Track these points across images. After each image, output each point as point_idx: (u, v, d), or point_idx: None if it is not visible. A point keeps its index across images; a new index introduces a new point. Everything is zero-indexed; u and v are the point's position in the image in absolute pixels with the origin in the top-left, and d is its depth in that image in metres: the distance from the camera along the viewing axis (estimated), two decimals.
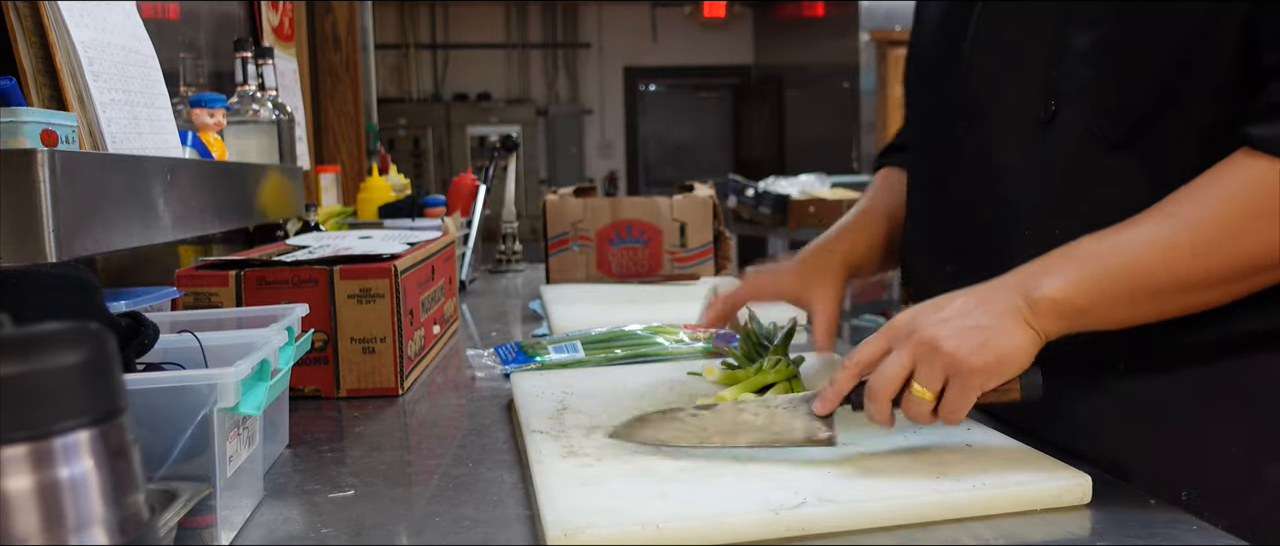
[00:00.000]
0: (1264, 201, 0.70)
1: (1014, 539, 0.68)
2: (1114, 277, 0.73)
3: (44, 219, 0.87)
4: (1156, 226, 0.73)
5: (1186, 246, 0.72)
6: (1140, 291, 0.73)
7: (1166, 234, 0.73)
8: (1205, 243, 0.72)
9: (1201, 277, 0.73)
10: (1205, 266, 0.72)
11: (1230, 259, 0.72)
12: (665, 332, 1.30)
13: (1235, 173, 0.72)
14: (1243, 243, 0.71)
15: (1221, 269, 0.72)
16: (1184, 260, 0.72)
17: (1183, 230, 0.72)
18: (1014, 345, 0.72)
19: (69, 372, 0.40)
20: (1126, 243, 0.73)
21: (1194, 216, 0.72)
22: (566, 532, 0.65)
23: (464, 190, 2.40)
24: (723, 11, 8.83)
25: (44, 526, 0.39)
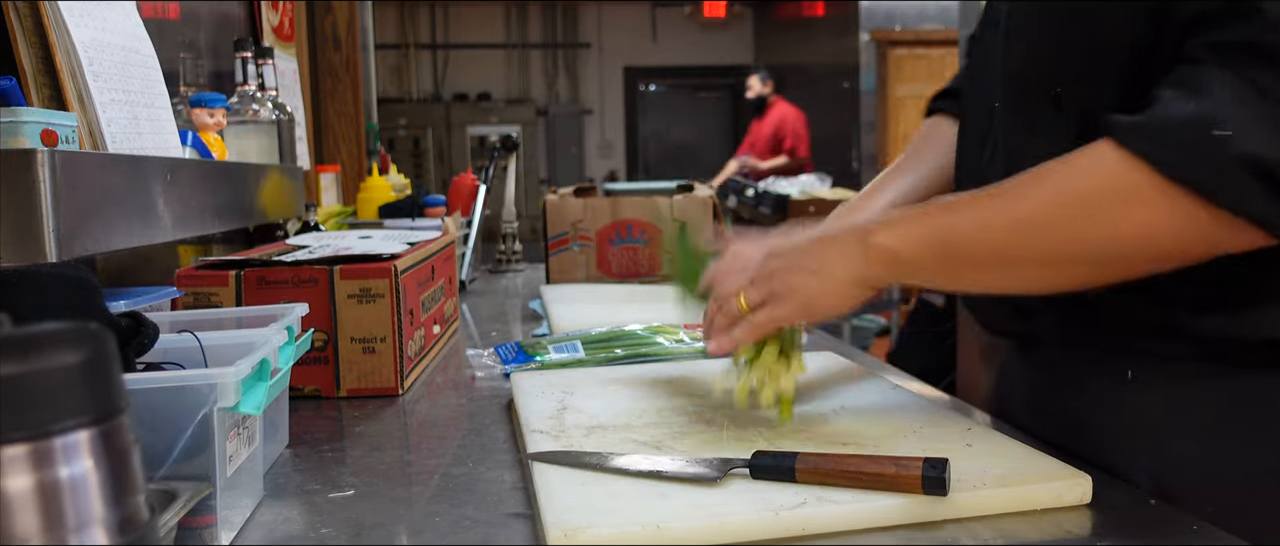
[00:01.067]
0: (1099, 189, 0.70)
1: (1014, 539, 0.68)
2: (938, 239, 0.77)
3: (44, 219, 0.87)
4: (990, 200, 0.75)
5: (1007, 222, 0.74)
6: (959, 257, 0.76)
7: (993, 209, 0.75)
8: (1027, 222, 0.73)
9: (1023, 255, 0.74)
10: (1025, 245, 0.74)
11: (1055, 243, 0.72)
12: (665, 332, 1.30)
13: (1081, 157, 0.72)
14: (1067, 229, 0.72)
15: (1044, 251, 0.73)
16: (1003, 235, 0.74)
17: (1010, 206, 0.74)
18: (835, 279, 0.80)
19: (69, 372, 0.40)
20: (959, 208, 0.77)
21: (1025, 195, 0.73)
22: (566, 532, 0.65)
23: (464, 190, 2.40)
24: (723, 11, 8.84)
25: (44, 526, 0.39)
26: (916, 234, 0.78)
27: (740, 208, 5.23)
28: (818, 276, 0.81)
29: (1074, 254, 0.73)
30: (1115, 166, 0.69)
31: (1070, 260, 0.73)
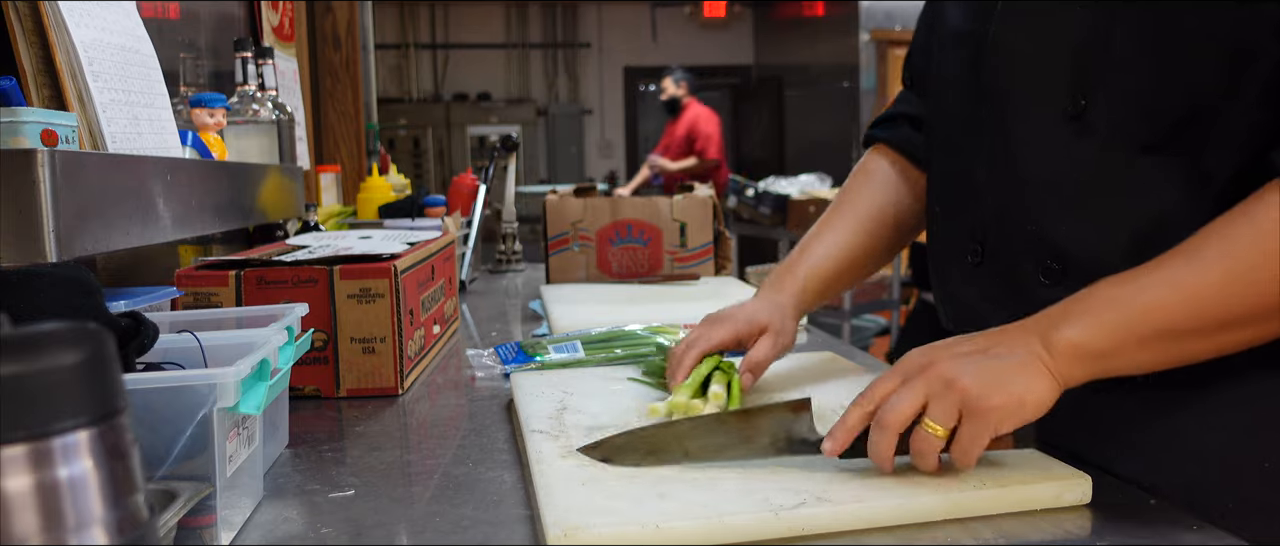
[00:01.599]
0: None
1: (1014, 539, 0.68)
2: (1135, 321, 0.70)
3: (44, 219, 0.87)
4: (1178, 267, 0.70)
5: (1212, 287, 0.69)
6: (1163, 334, 0.70)
7: (1189, 275, 0.70)
8: (1230, 283, 0.69)
9: (1227, 318, 0.70)
10: (1229, 308, 0.69)
11: (1258, 299, 0.69)
12: (665, 332, 1.30)
13: (1262, 207, 0.69)
14: (1271, 283, 0.68)
15: (1248, 309, 0.69)
16: (1209, 302, 0.69)
17: (1207, 271, 0.69)
18: (1032, 387, 0.70)
19: (68, 373, 0.40)
20: (1149, 285, 0.71)
21: (1218, 256, 0.69)
22: (566, 532, 0.65)
23: (464, 190, 2.40)
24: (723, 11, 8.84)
25: (43, 526, 0.39)
26: (1107, 321, 0.71)
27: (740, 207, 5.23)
28: (1009, 392, 0.70)
29: (1272, 308, 0.68)
30: None
31: (1269, 315, 0.69)
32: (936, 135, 1.01)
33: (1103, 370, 0.72)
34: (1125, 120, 0.79)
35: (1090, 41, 0.81)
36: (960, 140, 0.95)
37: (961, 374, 0.70)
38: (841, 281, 1.08)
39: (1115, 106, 0.80)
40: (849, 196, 1.12)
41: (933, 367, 0.72)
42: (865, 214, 1.09)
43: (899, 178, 1.11)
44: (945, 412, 0.70)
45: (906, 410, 0.71)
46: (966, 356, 0.72)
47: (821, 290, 1.06)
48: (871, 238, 1.08)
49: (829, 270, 1.06)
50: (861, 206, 1.10)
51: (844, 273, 1.08)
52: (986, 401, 0.69)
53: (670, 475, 0.75)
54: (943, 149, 1.00)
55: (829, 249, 1.07)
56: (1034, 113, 0.86)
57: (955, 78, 0.97)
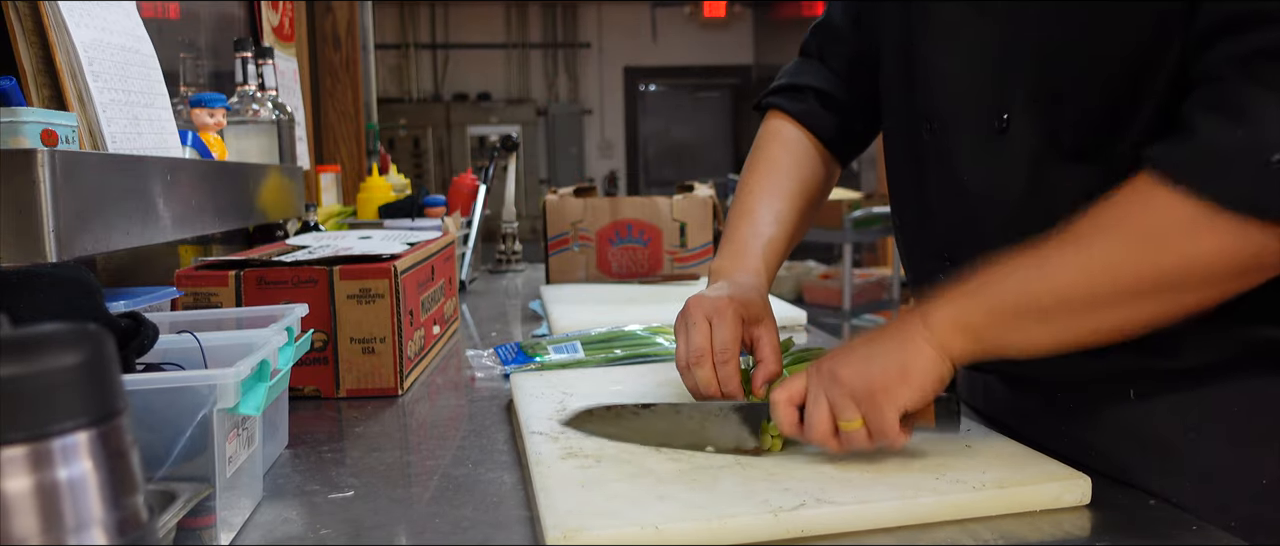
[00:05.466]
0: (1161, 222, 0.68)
1: (1014, 539, 0.68)
2: (1005, 299, 0.73)
3: (44, 219, 0.87)
4: (1048, 251, 0.72)
5: (1072, 271, 0.71)
6: (1031, 312, 0.73)
7: (1056, 258, 0.72)
8: (1088, 267, 0.70)
9: (1091, 300, 0.71)
10: (1093, 290, 0.71)
11: (1115, 283, 0.70)
12: (665, 332, 1.30)
13: (1128, 197, 0.69)
14: (1140, 264, 0.69)
15: (1109, 292, 0.70)
16: (1069, 284, 0.71)
17: (1069, 255, 0.71)
18: (912, 361, 0.74)
19: (67, 374, 0.40)
20: (1020, 267, 0.73)
21: (1078, 243, 0.71)
22: (566, 533, 0.65)
23: (464, 190, 2.40)
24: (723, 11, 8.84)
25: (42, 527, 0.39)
26: (979, 299, 0.75)
27: None
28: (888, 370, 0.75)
29: (1152, 286, 0.69)
30: (1169, 201, 0.66)
31: (1149, 293, 0.70)
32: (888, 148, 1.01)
33: (985, 345, 0.75)
34: (1046, 131, 0.79)
35: (1004, 56, 0.81)
36: (908, 159, 0.95)
37: (842, 368, 0.76)
38: (784, 256, 1.04)
39: (1035, 119, 0.79)
40: (776, 164, 1.07)
41: (823, 372, 0.77)
42: (798, 188, 1.05)
43: (814, 151, 1.07)
44: (844, 407, 0.76)
45: (822, 418, 0.77)
46: (851, 352, 0.78)
47: (777, 265, 1.03)
48: (802, 214, 1.05)
49: (779, 246, 1.02)
50: (794, 177, 1.05)
51: (787, 247, 1.04)
52: (869, 384, 0.75)
53: (670, 476, 0.75)
54: (893, 164, 0.99)
55: (776, 218, 1.03)
56: (967, 132, 0.85)
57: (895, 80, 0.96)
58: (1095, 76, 0.76)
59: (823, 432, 0.77)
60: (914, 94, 0.91)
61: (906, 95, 0.92)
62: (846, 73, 1.07)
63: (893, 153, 0.99)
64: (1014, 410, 0.96)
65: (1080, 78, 0.77)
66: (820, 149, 1.08)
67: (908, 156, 0.95)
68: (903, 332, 0.76)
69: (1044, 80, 0.78)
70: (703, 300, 0.92)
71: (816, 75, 1.09)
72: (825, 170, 1.08)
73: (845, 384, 0.75)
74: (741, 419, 0.82)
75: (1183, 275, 0.68)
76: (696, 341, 0.88)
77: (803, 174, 1.06)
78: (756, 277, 0.97)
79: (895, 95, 0.96)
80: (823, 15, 1.11)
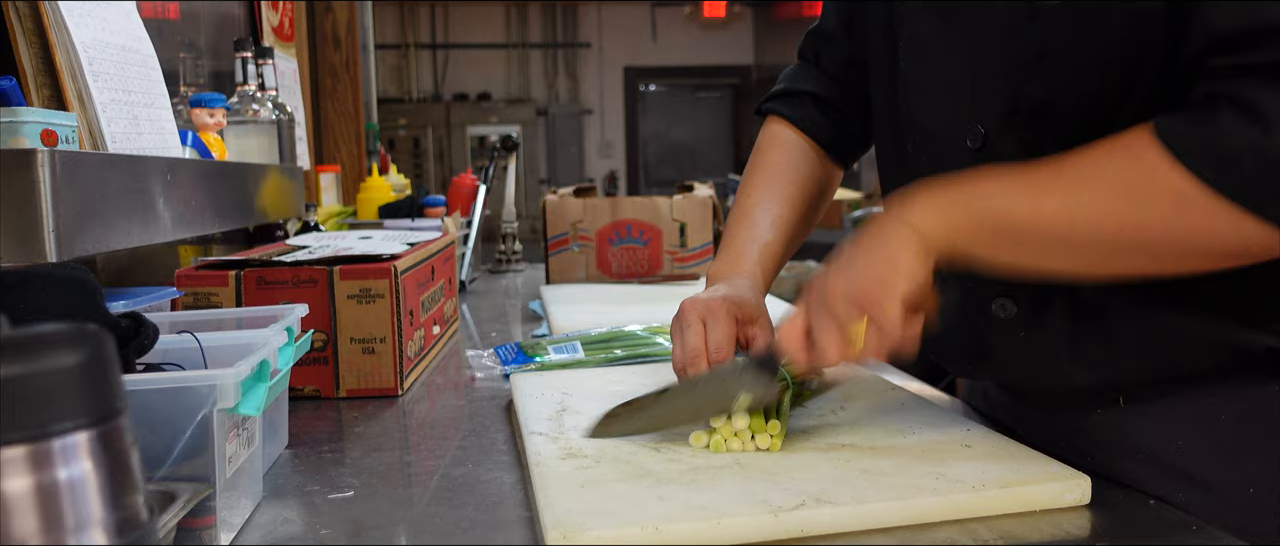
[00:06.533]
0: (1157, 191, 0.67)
1: (1013, 539, 0.68)
2: (985, 212, 0.74)
3: (44, 219, 0.87)
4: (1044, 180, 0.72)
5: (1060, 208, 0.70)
6: (1008, 232, 0.73)
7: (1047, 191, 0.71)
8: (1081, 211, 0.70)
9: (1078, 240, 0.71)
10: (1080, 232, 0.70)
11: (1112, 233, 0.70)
12: (665, 332, 1.30)
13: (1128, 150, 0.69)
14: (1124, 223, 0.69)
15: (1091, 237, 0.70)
16: (1057, 219, 0.71)
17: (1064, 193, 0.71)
18: (896, 251, 0.74)
19: (67, 374, 0.40)
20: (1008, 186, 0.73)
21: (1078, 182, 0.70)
22: (565, 534, 0.65)
23: (464, 190, 2.40)
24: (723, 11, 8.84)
25: (42, 527, 0.39)
26: (960, 197, 0.75)
27: None
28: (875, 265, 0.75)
29: (1131, 245, 0.70)
30: (1170, 171, 0.66)
31: (1127, 250, 0.71)
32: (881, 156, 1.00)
33: (958, 248, 0.75)
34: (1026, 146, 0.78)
35: (977, 70, 0.81)
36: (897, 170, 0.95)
37: (833, 280, 0.76)
38: (783, 260, 1.04)
39: (1014, 134, 0.79)
40: (776, 169, 1.07)
41: (816, 289, 0.78)
42: (796, 192, 1.05)
43: (813, 155, 1.08)
44: (845, 312, 0.75)
45: (828, 336, 0.76)
46: (838, 264, 0.78)
47: (774, 269, 1.03)
48: (802, 218, 1.06)
49: (777, 250, 1.03)
50: (793, 182, 1.06)
51: (786, 251, 1.04)
52: (863, 283, 0.74)
53: (670, 476, 0.75)
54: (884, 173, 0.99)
55: (775, 222, 1.03)
56: (947, 146, 0.85)
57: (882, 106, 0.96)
58: (1072, 89, 0.75)
59: (836, 351, 0.76)
60: (897, 105, 0.91)
61: (891, 106, 0.92)
62: (842, 77, 1.07)
63: (883, 161, 1.00)
64: (1012, 413, 0.96)
65: (1056, 90, 0.76)
66: (819, 153, 1.08)
67: (896, 167, 0.95)
68: (884, 229, 0.76)
69: (1020, 94, 0.78)
70: (696, 302, 0.92)
71: (813, 80, 1.09)
72: (825, 174, 1.08)
73: (840, 292, 0.75)
74: (756, 370, 0.82)
75: (1163, 242, 0.69)
76: (691, 342, 0.88)
77: (801, 178, 1.06)
78: (752, 280, 0.97)
79: (882, 104, 0.96)
80: (819, 19, 1.11)
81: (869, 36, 0.97)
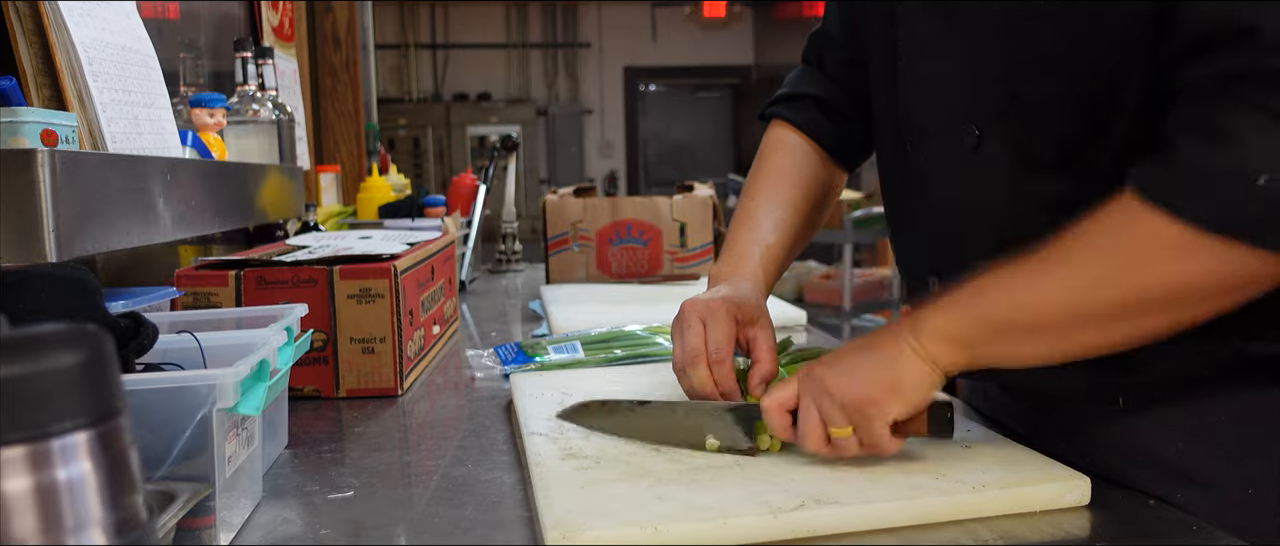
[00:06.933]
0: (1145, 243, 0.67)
1: (1013, 539, 0.68)
2: (993, 313, 0.74)
3: (44, 219, 0.87)
4: (1035, 268, 0.72)
5: (1057, 288, 0.71)
6: (1020, 328, 0.73)
7: (1042, 275, 0.71)
8: (1072, 285, 0.70)
9: (1078, 316, 0.71)
10: (1077, 307, 0.71)
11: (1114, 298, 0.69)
12: (665, 332, 1.30)
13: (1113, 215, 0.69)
14: (1123, 284, 0.68)
15: (1095, 310, 0.70)
16: (1055, 302, 0.71)
17: (1054, 273, 0.71)
18: (904, 373, 0.75)
19: (67, 374, 0.40)
20: (1008, 282, 0.73)
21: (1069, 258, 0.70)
22: (565, 534, 0.65)
23: (464, 190, 2.40)
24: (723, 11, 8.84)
25: (41, 527, 0.39)
26: (968, 312, 0.75)
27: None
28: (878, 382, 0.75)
29: (1138, 306, 0.69)
30: (1154, 222, 0.65)
31: (1136, 312, 0.70)
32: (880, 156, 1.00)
33: (974, 356, 0.75)
34: (1022, 145, 0.78)
35: (974, 70, 0.81)
36: (895, 170, 0.95)
37: (831, 378, 0.76)
38: (785, 262, 1.04)
39: (1009, 133, 0.79)
40: (779, 172, 1.07)
41: (813, 379, 0.77)
42: (799, 195, 1.05)
43: (817, 158, 1.07)
44: (834, 415, 0.76)
45: (814, 426, 0.77)
46: (841, 361, 0.78)
47: (777, 271, 1.03)
48: (806, 220, 1.05)
49: (779, 252, 1.02)
50: (796, 185, 1.05)
51: (789, 254, 1.04)
52: (858, 396, 0.75)
53: (669, 476, 0.75)
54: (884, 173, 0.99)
55: (777, 225, 1.03)
56: (944, 146, 0.85)
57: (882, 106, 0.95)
58: (1067, 89, 0.75)
59: (815, 440, 0.77)
60: (896, 105, 0.91)
61: (890, 106, 0.92)
62: (845, 79, 1.07)
63: (882, 162, 0.99)
64: (1012, 413, 0.96)
65: (1052, 91, 0.76)
66: (822, 156, 1.08)
67: (894, 167, 0.95)
68: (893, 344, 0.76)
69: (1016, 94, 0.78)
70: (697, 302, 0.92)
71: (817, 83, 1.09)
72: (828, 177, 1.08)
73: (834, 394, 0.75)
74: (736, 419, 0.82)
75: (1169, 295, 0.68)
76: (691, 342, 0.89)
77: (804, 181, 1.06)
78: (753, 281, 0.97)
79: (881, 104, 0.96)
80: (822, 22, 1.11)
81: (869, 37, 0.97)
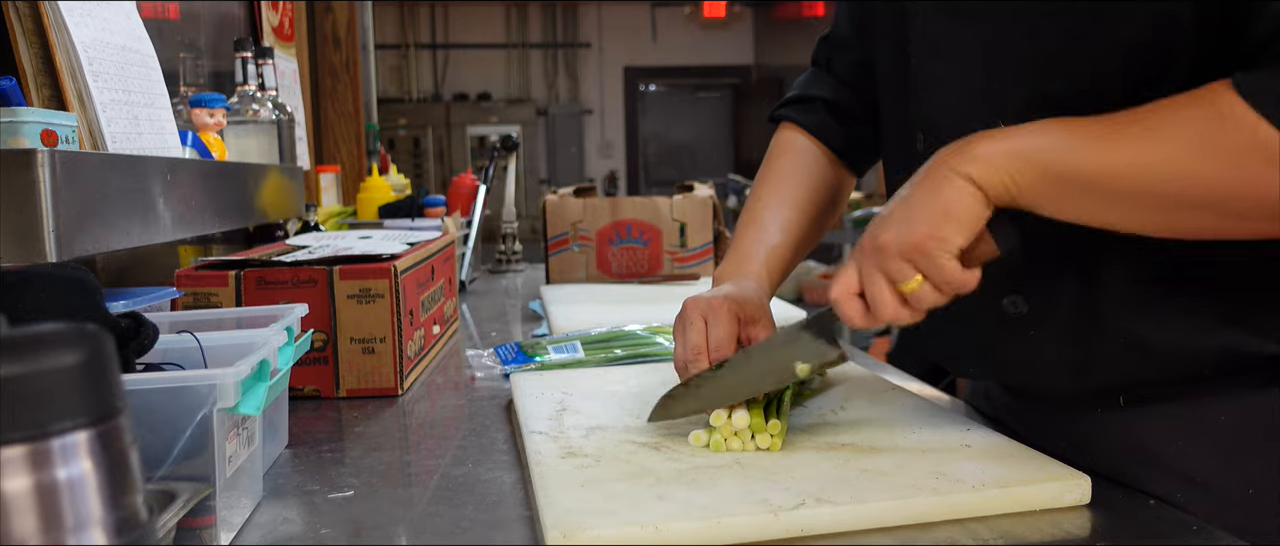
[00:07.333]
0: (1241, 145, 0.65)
1: (1013, 539, 0.68)
2: (1055, 159, 0.70)
3: (44, 219, 0.87)
4: (1113, 129, 0.69)
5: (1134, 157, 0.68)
6: (1078, 181, 0.70)
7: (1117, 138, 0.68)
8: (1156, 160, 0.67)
9: (1140, 191, 0.68)
10: (1145, 183, 0.68)
11: (1176, 188, 0.67)
12: (665, 332, 1.30)
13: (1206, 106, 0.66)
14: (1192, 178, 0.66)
15: (1166, 191, 0.68)
16: (1125, 169, 0.68)
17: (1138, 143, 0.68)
18: (950, 198, 0.71)
19: (66, 374, 0.40)
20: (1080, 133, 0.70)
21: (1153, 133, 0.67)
22: (565, 533, 0.65)
23: (464, 190, 2.40)
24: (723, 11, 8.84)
25: (41, 527, 0.39)
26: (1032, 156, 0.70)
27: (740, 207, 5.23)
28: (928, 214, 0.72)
29: (1203, 201, 0.67)
30: (1252, 124, 0.63)
31: (1198, 206, 0.67)
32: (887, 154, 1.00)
33: (1023, 196, 0.71)
34: None
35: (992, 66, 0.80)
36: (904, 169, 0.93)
37: (884, 233, 0.74)
38: (791, 263, 1.04)
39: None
40: (786, 173, 1.07)
41: (866, 243, 0.75)
42: (806, 196, 1.05)
43: (825, 160, 1.07)
44: (898, 270, 0.73)
45: (882, 291, 0.74)
46: (890, 214, 0.75)
47: (781, 272, 1.02)
48: (813, 222, 1.05)
49: (784, 253, 1.02)
50: (803, 186, 1.05)
51: (795, 254, 1.04)
52: (915, 238, 0.72)
53: (669, 475, 0.75)
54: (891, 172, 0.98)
55: (783, 226, 1.02)
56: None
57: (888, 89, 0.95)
58: (1093, 86, 0.74)
59: (891, 309, 0.74)
60: (907, 103, 0.90)
61: (900, 104, 0.92)
62: (854, 81, 1.07)
63: (890, 161, 0.99)
64: (1012, 413, 0.96)
65: (1074, 88, 0.75)
66: (831, 158, 1.08)
67: (903, 166, 0.94)
68: (937, 174, 0.73)
69: (1037, 91, 0.77)
70: (699, 300, 0.92)
71: (826, 86, 1.09)
72: (836, 179, 1.08)
73: (891, 248, 0.73)
74: (814, 334, 0.82)
75: (1247, 200, 0.66)
76: (692, 340, 0.89)
77: (811, 183, 1.06)
78: (757, 281, 0.97)
79: (890, 103, 0.96)
80: (832, 25, 1.11)
81: (878, 32, 0.97)
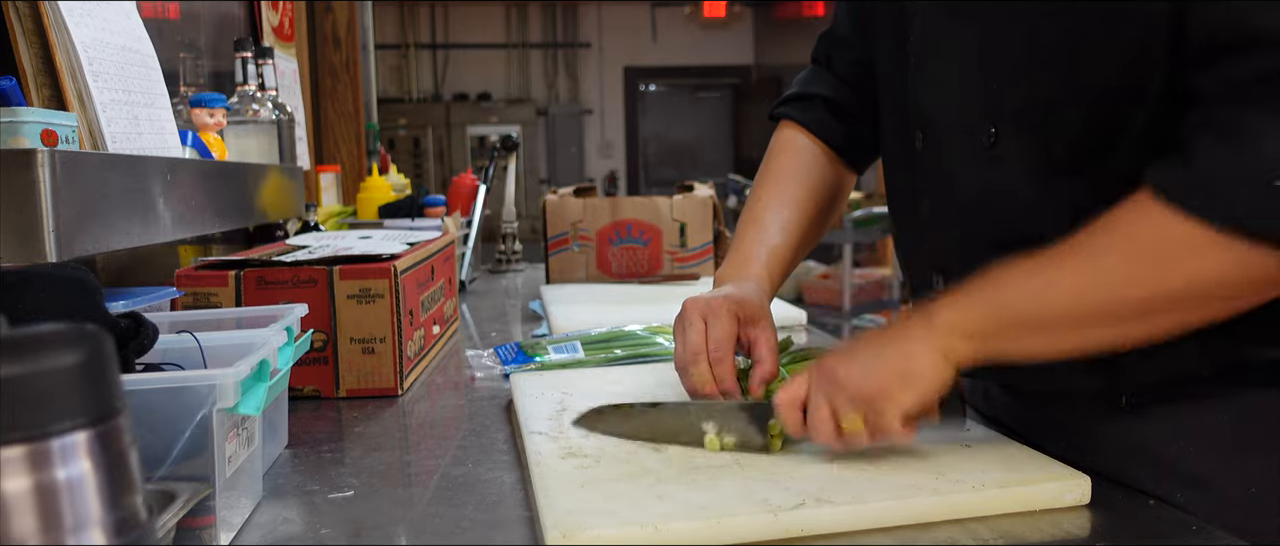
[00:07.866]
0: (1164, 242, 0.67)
1: (1013, 539, 0.68)
2: (1005, 309, 0.74)
3: (44, 219, 0.87)
4: (1051, 264, 0.72)
5: (1069, 287, 0.71)
6: (1030, 323, 0.73)
7: (1054, 273, 0.71)
8: (1085, 284, 0.70)
9: (1087, 315, 0.71)
10: (1085, 307, 0.71)
11: (1120, 302, 0.70)
12: (665, 332, 1.30)
13: (1131, 214, 0.69)
14: (1141, 283, 0.69)
15: (1105, 309, 0.71)
16: (1065, 301, 0.71)
17: (1074, 268, 0.71)
18: (914, 362, 0.74)
19: (66, 374, 0.40)
20: (1024, 276, 0.73)
21: (1086, 255, 0.70)
22: (565, 533, 0.65)
23: (464, 190, 2.40)
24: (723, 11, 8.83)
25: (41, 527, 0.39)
26: (981, 306, 0.74)
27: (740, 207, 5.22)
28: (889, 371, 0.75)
29: (1157, 304, 0.69)
30: (1172, 222, 0.66)
31: (1154, 310, 0.70)
32: (886, 153, 1.00)
33: (989, 350, 0.75)
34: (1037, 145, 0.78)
35: (988, 68, 0.80)
36: (902, 168, 0.94)
37: (843, 370, 0.76)
38: (792, 264, 1.04)
39: (1025, 132, 0.79)
40: (786, 173, 1.07)
41: (824, 373, 0.77)
42: (806, 195, 1.05)
43: (825, 159, 1.08)
44: (846, 408, 0.76)
45: (825, 419, 0.77)
46: (853, 353, 0.78)
47: (782, 273, 1.02)
48: (813, 221, 1.05)
49: (785, 253, 1.02)
50: (803, 186, 1.06)
51: (795, 255, 1.04)
52: (870, 387, 0.74)
53: (669, 476, 0.75)
54: (890, 171, 0.98)
55: (784, 227, 1.03)
56: (956, 144, 0.85)
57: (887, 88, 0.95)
58: (1083, 88, 0.75)
59: (826, 434, 0.77)
60: (905, 102, 0.90)
61: (899, 102, 0.92)
62: (854, 80, 1.07)
63: (888, 160, 0.99)
64: (1013, 413, 0.96)
65: (1068, 90, 0.76)
66: (831, 157, 1.08)
67: (901, 165, 0.94)
68: (905, 335, 0.76)
69: (1032, 93, 0.78)
70: (699, 300, 0.92)
71: (826, 84, 1.09)
72: (836, 178, 1.08)
73: (846, 387, 0.75)
74: (749, 417, 0.82)
75: (1188, 294, 0.68)
76: (692, 340, 0.89)
77: (812, 182, 1.06)
78: (757, 282, 0.98)
79: (889, 102, 0.96)
80: (831, 22, 1.11)
81: (877, 30, 0.97)
